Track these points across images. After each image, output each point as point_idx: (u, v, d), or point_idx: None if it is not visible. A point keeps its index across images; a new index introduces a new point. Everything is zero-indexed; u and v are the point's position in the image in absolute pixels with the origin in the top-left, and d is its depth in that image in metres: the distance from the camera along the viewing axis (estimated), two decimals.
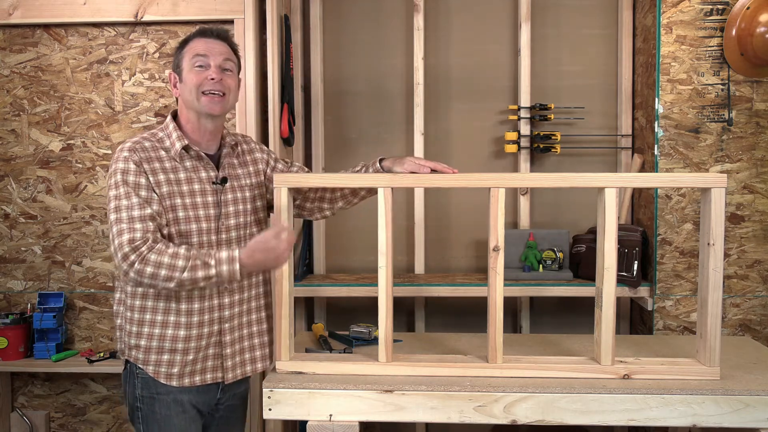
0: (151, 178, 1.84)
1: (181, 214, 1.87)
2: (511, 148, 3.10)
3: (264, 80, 2.90)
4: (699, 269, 1.95)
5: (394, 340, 2.01)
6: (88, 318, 3.06)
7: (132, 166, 1.83)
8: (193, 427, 1.94)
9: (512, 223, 3.22)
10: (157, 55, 2.97)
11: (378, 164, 2.05)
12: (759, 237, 2.75)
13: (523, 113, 3.12)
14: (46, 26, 2.97)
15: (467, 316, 3.19)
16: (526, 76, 3.12)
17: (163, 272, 1.74)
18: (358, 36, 3.24)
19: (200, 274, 1.76)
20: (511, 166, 3.22)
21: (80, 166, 3.01)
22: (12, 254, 3.06)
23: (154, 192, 1.84)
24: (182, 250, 1.77)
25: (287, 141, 2.97)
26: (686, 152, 2.74)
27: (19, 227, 3.04)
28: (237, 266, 1.78)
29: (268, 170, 2.09)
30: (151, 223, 1.79)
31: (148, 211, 1.80)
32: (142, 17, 2.89)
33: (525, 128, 3.13)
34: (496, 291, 1.91)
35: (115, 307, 1.97)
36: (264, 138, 2.91)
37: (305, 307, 3.24)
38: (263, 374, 2.17)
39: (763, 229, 2.76)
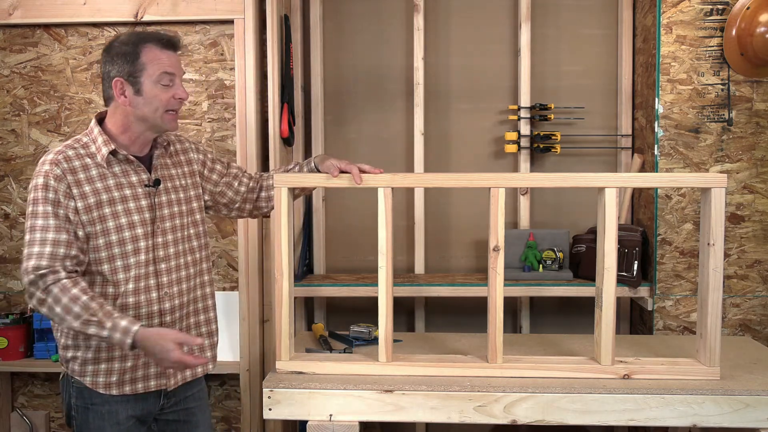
0: (75, 190, 1.77)
1: (111, 224, 1.81)
2: (511, 148, 3.10)
3: (264, 80, 2.90)
4: (699, 269, 1.95)
5: (394, 340, 2.01)
6: None
7: (52, 182, 1.76)
8: None
9: (512, 223, 3.22)
10: None
11: (312, 163, 2.08)
12: (759, 237, 2.75)
13: (523, 113, 3.12)
14: (46, 26, 2.97)
15: (467, 316, 3.19)
16: (526, 76, 3.12)
17: (57, 310, 1.69)
18: (358, 36, 3.24)
19: (92, 330, 1.68)
20: (511, 166, 3.21)
21: None
22: (12, 254, 3.06)
23: (72, 216, 1.77)
24: (84, 298, 1.69)
25: (287, 141, 2.97)
26: (686, 152, 2.74)
27: (19, 227, 3.04)
28: (129, 341, 1.68)
29: (205, 171, 2.06)
30: (62, 250, 1.73)
31: (63, 236, 1.74)
32: (142, 17, 2.89)
33: (525, 128, 3.13)
34: (496, 291, 1.91)
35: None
36: (264, 138, 2.91)
37: (305, 307, 3.24)
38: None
39: (763, 229, 2.76)
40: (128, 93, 1.82)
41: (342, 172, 1.95)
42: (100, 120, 1.89)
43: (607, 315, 1.91)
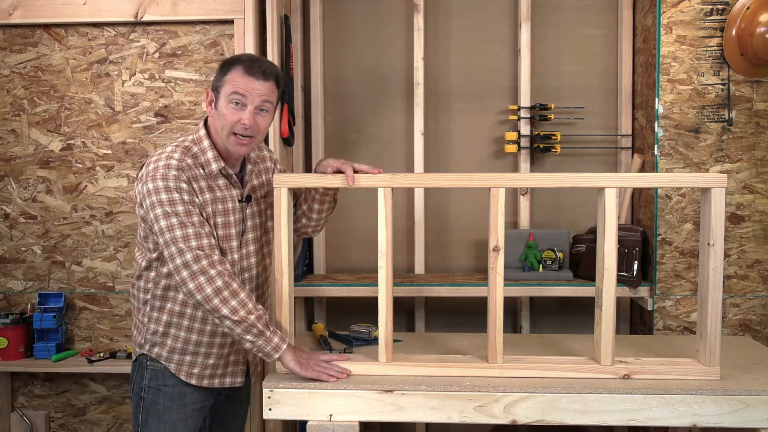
0: (200, 198, 1.86)
1: (218, 232, 1.91)
2: (511, 148, 3.10)
3: None
4: (699, 269, 1.95)
5: (394, 340, 2.01)
6: (88, 318, 3.06)
7: (184, 185, 1.83)
8: (190, 421, 1.98)
9: (512, 223, 3.22)
10: (157, 55, 2.97)
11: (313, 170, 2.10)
12: (759, 237, 2.75)
13: (523, 113, 3.12)
14: (46, 26, 2.97)
15: (467, 316, 3.19)
16: (526, 76, 3.12)
17: (233, 303, 1.77)
18: (358, 36, 3.24)
19: (260, 325, 1.80)
20: (511, 166, 3.21)
21: (80, 166, 3.01)
22: (12, 254, 3.06)
23: (203, 215, 1.86)
24: (251, 304, 1.81)
25: (287, 141, 2.97)
26: (686, 152, 2.74)
27: (19, 227, 3.04)
28: (285, 345, 1.85)
29: (271, 177, 2.10)
30: (213, 240, 1.83)
31: (207, 229, 1.84)
32: (142, 17, 2.89)
33: (525, 128, 3.13)
34: (496, 291, 1.91)
35: (136, 304, 1.99)
36: (264, 138, 2.90)
37: (305, 307, 3.24)
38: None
39: (763, 229, 2.76)
40: (213, 105, 1.91)
41: (337, 171, 1.94)
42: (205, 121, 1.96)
43: (607, 315, 1.91)
